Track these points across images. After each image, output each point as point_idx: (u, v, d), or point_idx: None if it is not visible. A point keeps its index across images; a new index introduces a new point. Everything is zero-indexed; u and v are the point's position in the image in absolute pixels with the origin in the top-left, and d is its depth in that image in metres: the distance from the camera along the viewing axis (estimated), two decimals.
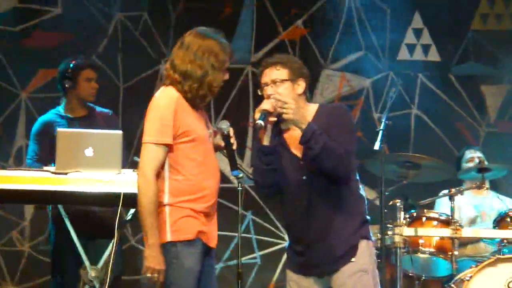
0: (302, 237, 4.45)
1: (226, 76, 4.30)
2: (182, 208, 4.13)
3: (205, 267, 4.22)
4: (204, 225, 4.18)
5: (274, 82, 4.41)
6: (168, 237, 4.11)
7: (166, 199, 4.14)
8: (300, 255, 4.47)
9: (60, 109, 5.90)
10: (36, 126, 5.85)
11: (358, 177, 4.50)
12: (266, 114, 4.28)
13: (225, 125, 4.31)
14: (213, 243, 4.26)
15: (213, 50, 4.21)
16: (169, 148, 4.12)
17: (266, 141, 4.37)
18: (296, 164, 4.41)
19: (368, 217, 4.48)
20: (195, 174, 4.17)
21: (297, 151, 4.41)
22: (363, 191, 4.53)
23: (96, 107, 5.96)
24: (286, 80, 4.41)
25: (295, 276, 4.49)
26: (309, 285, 4.46)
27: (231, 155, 4.33)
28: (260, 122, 4.24)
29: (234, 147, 4.33)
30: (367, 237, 4.42)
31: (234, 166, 4.32)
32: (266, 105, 4.32)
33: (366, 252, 4.38)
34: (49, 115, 5.91)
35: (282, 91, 4.37)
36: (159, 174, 4.13)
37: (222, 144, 4.34)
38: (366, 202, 4.53)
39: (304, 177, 4.40)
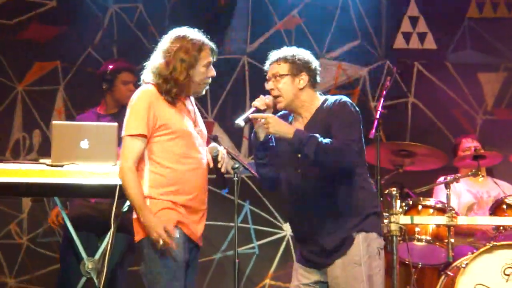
0: (298, 229, 4.49)
1: (212, 73, 4.40)
2: (161, 201, 4.25)
3: (192, 266, 4.36)
4: (184, 217, 4.27)
5: (275, 76, 4.45)
6: None
7: (146, 191, 4.27)
8: (299, 246, 4.51)
9: (98, 107, 6.09)
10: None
11: (361, 170, 4.47)
12: (254, 111, 4.35)
13: (214, 150, 4.41)
14: (196, 236, 4.33)
15: (182, 47, 4.32)
16: (146, 139, 4.25)
17: (261, 137, 4.40)
18: (293, 157, 4.43)
19: (374, 210, 4.44)
20: (175, 167, 4.28)
21: None
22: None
23: None
24: (286, 75, 4.43)
25: (297, 265, 4.53)
26: (310, 276, 4.48)
27: (219, 176, 4.41)
28: (239, 122, 4.34)
29: (223, 170, 4.40)
30: (367, 230, 4.38)
31: (223, 184, 4.43)
32: (257, 102, 4.37)
33: (362, 244, 4.36)
34: (87, 113, 6.11)
35: (281, 86, 4.43)
36: (139, 165, 4.27)
37: (211, 165, 4.43)
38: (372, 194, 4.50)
39: (298, 170, 4.41)
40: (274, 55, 4.51)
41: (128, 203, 5.04)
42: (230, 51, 7.75)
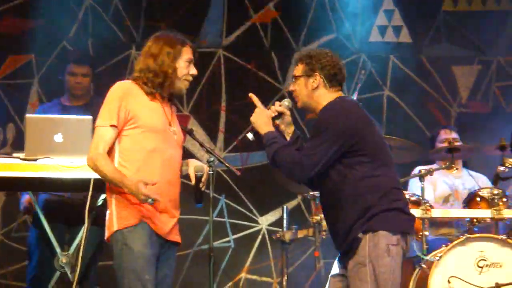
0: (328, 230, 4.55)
1: (193, 71, 4.45)
2: (126, 195, 4.25)
3: (163, 261, 4.35)
4: (150, 212, 4.28)
5: (292, 77, 4.49)
6: (115, 227, 4.28)
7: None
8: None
9: (62, 97, 6.06)
10: (36, 113, 5.93)
11: (366, 168, 4.32)
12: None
13: (200, 170, 4.44)
14: (164, 232, 4.33)
15: (166, 42, 4.41)
16: (117, 129, 4.28)
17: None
18: None
19: (385, 207, 4.27)
20: (141, 161, 4.29)
21: None
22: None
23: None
24: (300, 76, 4.44)
25: (336, 261, 4.52)
26: (343, 270, 4.43)
27: (198, 193, 4.46)
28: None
29: (203, 189, 4.46)
30: (374, 229, 4.24)
31: (198, 201, 4.47)
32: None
33: (368, 244, 4.25)
34: (51, 103, 6.07)
35: (296, 87, 4.45)
36: (110, 157, 4.29)
37: (193, 182, 4.45)
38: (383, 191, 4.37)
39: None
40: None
41: (102, 197, 5.04)
42: (205, 44, 7.74)
